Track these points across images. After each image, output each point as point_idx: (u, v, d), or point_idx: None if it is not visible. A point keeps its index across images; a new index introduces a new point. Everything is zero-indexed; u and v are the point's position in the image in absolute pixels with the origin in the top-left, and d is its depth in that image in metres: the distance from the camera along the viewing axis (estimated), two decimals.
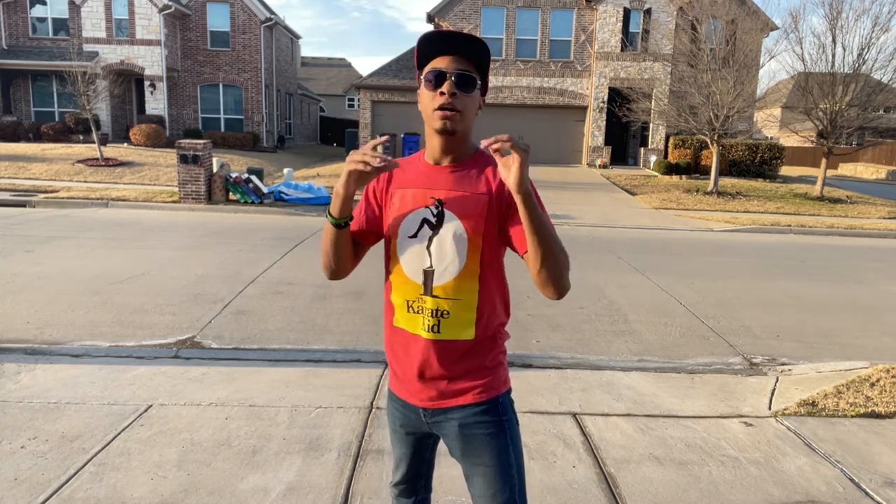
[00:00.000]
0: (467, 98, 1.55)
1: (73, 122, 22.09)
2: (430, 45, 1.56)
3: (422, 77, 1.58)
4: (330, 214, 1.60)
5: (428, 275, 1.61)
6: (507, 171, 1.41)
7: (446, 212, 1.59)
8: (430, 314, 1.61)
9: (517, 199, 1.42)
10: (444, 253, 1.59)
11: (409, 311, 1.65)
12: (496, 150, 1.41)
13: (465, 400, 1.64)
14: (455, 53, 1.54)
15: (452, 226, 1.58)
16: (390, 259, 1.67)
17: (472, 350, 1.64)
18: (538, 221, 1.44)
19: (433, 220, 1.60)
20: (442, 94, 1.52)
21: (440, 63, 1.54)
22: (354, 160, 1.48)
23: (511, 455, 1.66)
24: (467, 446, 1.66)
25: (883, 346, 5.60)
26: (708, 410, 3.94)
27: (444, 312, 1.60)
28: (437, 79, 1.54)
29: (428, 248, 1.60)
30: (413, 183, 1.64)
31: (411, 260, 1.63)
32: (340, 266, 1.70)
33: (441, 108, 1.53)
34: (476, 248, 1.59)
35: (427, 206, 1.61)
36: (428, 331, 1.61)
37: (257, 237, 9.90)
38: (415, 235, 1.61)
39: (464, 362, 1.64)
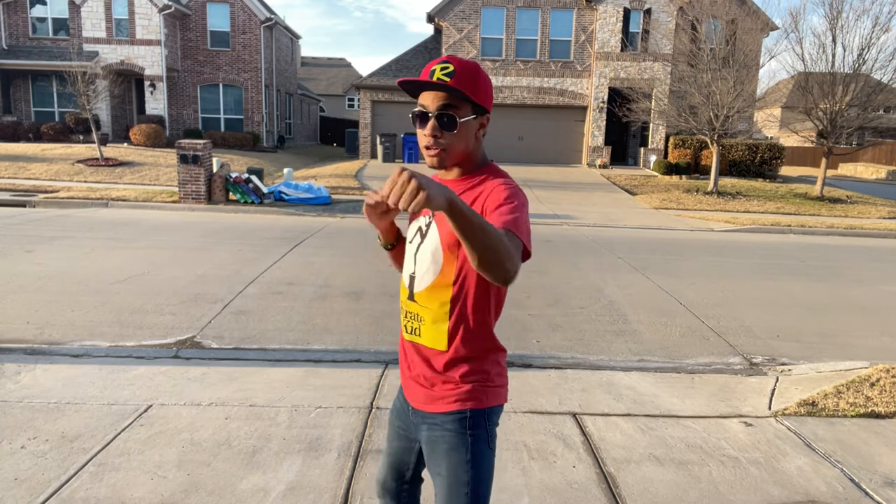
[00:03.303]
0: (451, 135, 1.55)
1: (73, 122, 22.09)
2: (409, 85, 1.56)
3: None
4: (378, 239, 1.81)
5: (412, 280, 1.69)
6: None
7: (433, 223, 1.65)
8: (411, 318, 1.69)
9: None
10: (423, 262, 1.66)
11: (402, 314, 1.75)
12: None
13: (435, 408, 1.65)
14: (436, 90, 1.54)
15: (434, 237, 1.63)
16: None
17: (450, 362, 1.63)
18: (457, 227, 1.28)
19: (424, 229, 1.67)
20: (425, 135, 1.56)
21: (423, 99, 1.56)
22: (366, 202, 1.57)
23: (467, 473, 1.60)
24: (429, 454, 1.69)
25: (883, 346, 5.60)
26: (708, 410, 3.94)
27: (421, 318, 1.66)
28: (420, 118, 1.57)
29: (415, 255, 1.68)
30: None
31: (405, 265, 1.73)
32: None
33: (427, 147, 1.57)
34: (450, 262, 1.59)
35: (424, 216, 1.68)
36: (409, 333, 1.70)
37: (257, 237, 9.90)
38: (412, 241, 1.71)
39: (440, 372, 1.64)
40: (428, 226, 1.65)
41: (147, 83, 24.34)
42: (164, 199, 13.54)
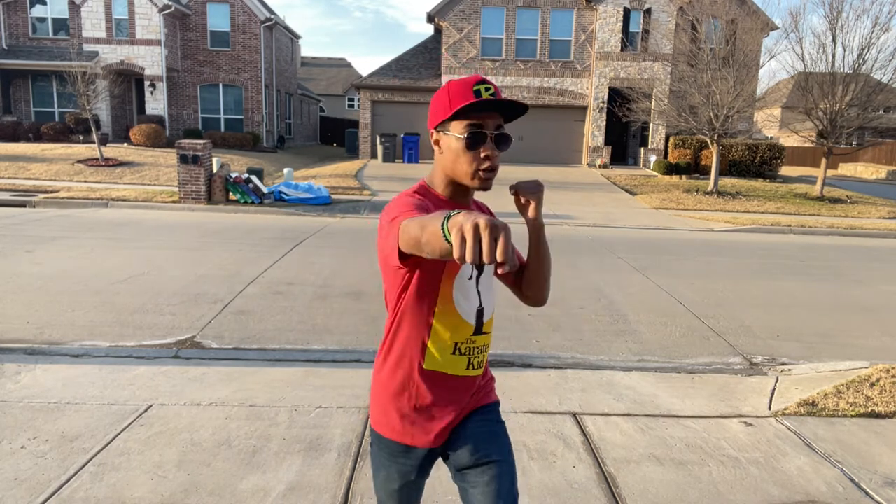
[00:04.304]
0: (500, 155, 1.56)
1: (73, 122, 22.08)
2: (475, 104, 1.47)
3: (450, 129, 1.52)
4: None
5: (479, 314, 1.64)
6: (527, 207, 1.57)
7: None
8: (478, 351, 1.66)
9: (533, 228, 1.60)
10: (488, 290, 1.66)
11: (455, 352, 1.61)
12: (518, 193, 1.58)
13: (471, 408, 1.72)
14: (491, 110, 1.50)
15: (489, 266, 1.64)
16: (437, 301, 1.57)
17: (484, 373, 1.77)
18: (545, 247, 1.63)
19: None
20: (486, 157, 1.50)
21: (479, 119, 1.49)
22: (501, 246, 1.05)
23: (511, 455, 1.70)
24: (476, 444, 1.63)
25: (883, 346, 5.60)
26: (708, 410, 3.94)
27: (486, 347, 1.69)
28: (478, 139, 1.50)
29: (477, 287, 1.63)
30: None
31: (466, 301, 1.60)
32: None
33: (486, 169, 1.52)
34: (497, 282, 1.73)
35: None
36: (476, 367, 1.67)
37: (257, 237, 9.90)
38: (471, 277, 1.59)
39: (479, 384, 1.75)
40: None
41: (147, 83, 24.34)
42: (164, 199, 13.54)
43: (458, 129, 1.50)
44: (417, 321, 1.57)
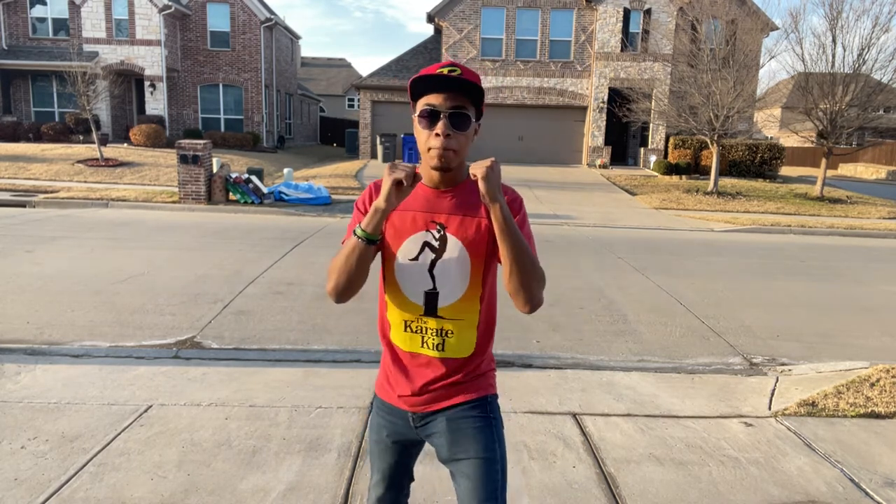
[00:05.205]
0: (461, 136, 1.55)
1: (73, 122, 22.08)
2: (422, 84, 1.54)
3: (415, 113, 1.58)
4: (363, 231, 1.54)
5: (430, 297, 1.64)
6: (481, 183, 1.48)
7: (449, 236, 1.62)
8: (433, 334, 1.66)
9: (491, 211, 1.49)
10: (448, 276, 1.63)
11: (406, 329, 1.69)
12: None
13: (454, 400, 1.69)
14: (448, 90, 1.53)
15: (456, 250, 1.61)
16: (385, 279, 1.70)
17: (469, 362, 1.69)
18: (507, 230, 1.49)
19: (435, 243, 1.63)
20: (437, 135, 1.52)
21: (434, 99, 1.53)
22: (398, 172, 1.49)
23: (497, 451, 1.67)
24: (454, 439, 1.67)
25: (883, 346, 5.60)
26: (708, 410, 3.94)
27: (448, 332, 1.65)
28: (431, 117, 1.54)
29: (430, 271, 1.63)
30: (413, 206, 1.64)
31: (412, 282, 1.66)
32: (357, 286, 1.64)
33: (434, 147, 1.54)
34: (478, 271, 1.63)
35: (428, 230, 1.63)
36: (432, 349, 1.66)
37: (257, 237, 9.90)
38: (416, 258, 1.64)
39: (460, 373, 1.69)
40: (441, 240, 1.62)
41: (147, 83, 24.34)
42: (164, 199, 13.54)
43: (418, 110, 1.57)
44: (381, 297, 1.74)
